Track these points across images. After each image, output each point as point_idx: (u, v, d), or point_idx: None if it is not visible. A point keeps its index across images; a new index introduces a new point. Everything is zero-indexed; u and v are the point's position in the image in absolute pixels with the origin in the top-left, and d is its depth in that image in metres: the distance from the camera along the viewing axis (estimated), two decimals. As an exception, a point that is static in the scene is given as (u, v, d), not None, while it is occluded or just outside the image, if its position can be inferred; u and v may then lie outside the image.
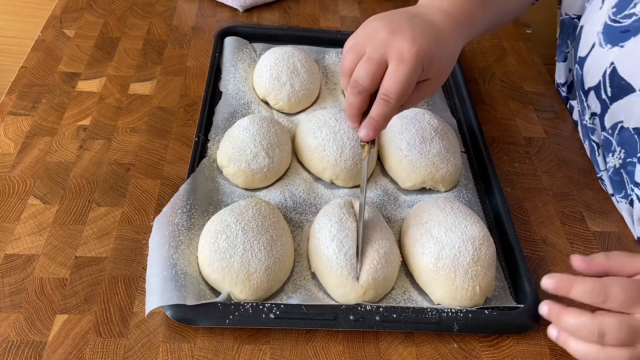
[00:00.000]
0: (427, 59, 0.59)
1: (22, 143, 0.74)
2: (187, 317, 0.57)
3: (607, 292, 0.51)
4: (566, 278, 0.54)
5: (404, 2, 1.10)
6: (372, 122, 0.60)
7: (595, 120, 0.79)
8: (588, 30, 0.79)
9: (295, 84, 0.80)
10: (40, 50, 0.88)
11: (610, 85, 0.73)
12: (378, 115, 0.60)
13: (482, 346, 0.60)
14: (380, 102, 0.59)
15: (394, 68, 0.58)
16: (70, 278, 0.61)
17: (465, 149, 0.80)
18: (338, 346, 0.59)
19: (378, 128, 0.60)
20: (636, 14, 0.70)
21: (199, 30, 0.97)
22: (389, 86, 0.58)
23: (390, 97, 0.58)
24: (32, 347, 0.55)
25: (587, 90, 0.79)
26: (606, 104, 0.75)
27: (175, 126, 0.79)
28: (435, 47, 0.60)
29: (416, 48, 0.58)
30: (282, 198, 0.70)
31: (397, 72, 0.58)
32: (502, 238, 0.69)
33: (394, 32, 0.60)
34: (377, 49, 0.59)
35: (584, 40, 0.80)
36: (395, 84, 0.58)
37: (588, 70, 0.78)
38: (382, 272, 0.60)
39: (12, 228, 0.65)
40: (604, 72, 0.74)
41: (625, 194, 0.73)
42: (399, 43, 0.59)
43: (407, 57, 0.58)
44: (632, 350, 0.51)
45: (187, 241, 0.62)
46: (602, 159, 0.80)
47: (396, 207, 0.72)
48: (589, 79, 0.78)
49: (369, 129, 0.60)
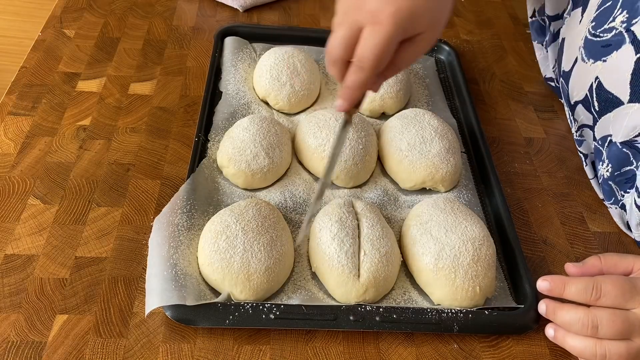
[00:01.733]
0: (408, 16, 0.52)
1: (22, 143, 0.74)
2: (187, 318, 0.57)
3: (600, 289, 0.53)
4: (559, 279, 0.55)
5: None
6: (346, 91, 0.55)
7: (585, 131, 0.78)
8: (570, 44, 0.78)
9: (296, 84, 0.80)
10: (40, 50, 0.88)
11: (597, 100, 0.71)
12: (352, 82, 0.54)
13: (482, 347, 0.60)
14: (353, 69, 0.54)
15: (368, 32, 0.52)
16: (70, 278, 0.61)
17: (466, 149, 0.80)
18: (338, 347, 0.59)
19: (353, 97, 0.56)
20: (616, 28, 0.68)
21: (199, 30, 0.97)
22: (362, 52, 0.52)
23: (364, 63, 0.52)
24: (32, 347, 0.55)
25: (573, 105, 0.77)
26: (596, 117, 0.73)
27: (175, 126, 0.79)
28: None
29: (392, 7, 0.51)
30: (282, 198, 0.70)
31: (371, 36, 0.52)
32: (502, 238, 0.69)
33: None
34: (350, 12, 0.53)
35: (567, 54, 0.79)
36: (368, 49, 0.52)
37: (574, 85, 0.76)
38: (382, 271, 0.60)
39: (12, 228, 0.65)
40: (590, 87, 0.72)
41: (616, 200, 0.73)
42: (371, 4, 0.52)
43: (381, 19, 0.51)
44: (628, 343, 0.52)
45: (187, 241, 0.62)
46: (591, 169, 0.79)
47: (396, 207, 0.72)
48: (575, 93, 0.76)
49: (344, 99, 0.56)
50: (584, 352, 0.54)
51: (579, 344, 0.54)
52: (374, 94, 0.80)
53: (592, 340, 0.53)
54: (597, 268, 0.57)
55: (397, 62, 0.55)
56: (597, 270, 0.57)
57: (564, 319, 0.54)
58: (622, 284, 0.53)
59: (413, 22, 0.52)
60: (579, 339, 0.54)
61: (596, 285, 0.53)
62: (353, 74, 0.54)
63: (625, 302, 0.52)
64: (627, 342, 0.52)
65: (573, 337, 0.54)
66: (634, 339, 0.52)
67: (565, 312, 0.54)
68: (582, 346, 0.53)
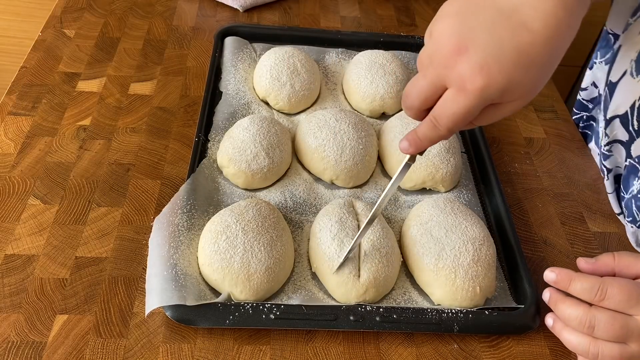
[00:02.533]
0: (497, 92, 0.47)
1: (22, 143, 0.74)
2: (187, 318, 0.57)
3: (605, 291, 0.52)
4: (567, 273, 0.54)
5: (405, 2, 1.10)
6: (416, 140, 0.52)
7: (615, 146, 0.74)
8: (624, 54, 0.73)
9: (296, 84, 0.80)
10: (40, 50, 0.88)
11: (637, 120, 0.67)
12: (423, 135, 0.51)
13: (482, 347, 0.60)
14: (428, 124, 0.50)
15: (450, 95, 0.48)
16: (70, 278, 0.61)
17: (466, 149, 0.80)
18: (338, 347, 0.59)
19: (420, 147, 0.53)
20: None
21: (199, 30, 0.97)
22: (440, 114, 0.49)
23: (440, 125, 0.49)
24: (32, 348, 0.55)
25: (609, 119, 0.74)
26: (633, 135, 0.70)
27: (175, 126, 0.79)
28: (516, 72, 0.46)
29: (482, 82, 0.46)
30: (282, 198, 0.70)
31: (452, 103, 0.48)
32: (502, 238, 0.69)
33: (460, 49, 0.46)
34: (437, 68, 0.48)
35: (618, 63, 0.73)
36: (446, 115, 0.49)
37: (616, 98, 0.73)
38: (383, 271, 0.60)
39: (12, 228, 0.65)
40: (633, 104, 0.67)
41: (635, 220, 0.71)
42: (462, 68, 0.46)
43: (468, 89, 0.46)
44: (623, 347, 0.52)
45: (187, 241, 0.62)
46: (611, 183, 0.77)
47: (396, 207, 0.72)
48: (615, 107, 0.73)
49: (410, 144, 0.53)
50: (577, 348, 0.54)
51: (574, 340, 0.54)
52: (374, 94, 0.81)
53: (587, 338, 0.53)
54: (610, 267, 0.56)
55: (475, 122, 0.51)
56: (609, 269, 0.56)
57: (564, 313, 0.54)
58: (629, 289, 0.52)
59: (503, 95, 0.47)
60: (574, 335, 0.54)
61: (602, 287, 0.52)
62: (426, 128, 0.51)
63: (629, 308, 0.52)
64: (622, 345, 0.52)
65: (570, 331, 0.54)
66: (630, 344, 0.52)
67: (566, 306, 0.54)
68: (576, 342, 0.53)
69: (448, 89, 0.48)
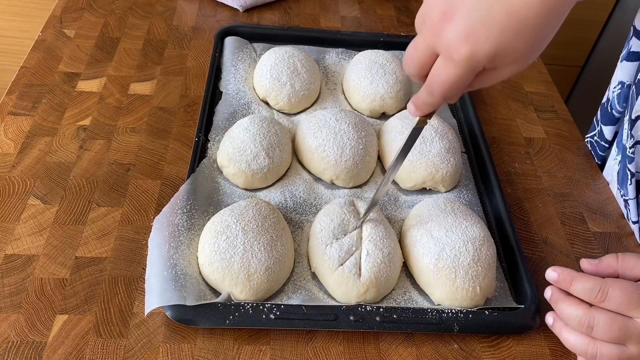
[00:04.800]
0: (485, 59, 0.46)
1: (22, 143, 0.74)
2: (187, 318, 0.57)
3: (606, 292, 0.52)
4: (568, 273, 0.54)
5: (405, 2, 1.10)
6: (418, 105, 0.54)
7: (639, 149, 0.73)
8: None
9: (296, 84, 0.80)
10: (40, 50, 0.88)
11: None
12: (422, 102, 0.53)
13: (483, 347, 0.60)
14: (425, 90, 0.51)
15: (440, 65, 0.48)
16: (70, 278, 0.61)
17: (466, 149, 0.80)
18: (338, 347, 0.59)
19: (424, 112, 0.54)
20: None
21: (199, 30, 0.97)
22: (432, 82, 0.50)
23: (434, 93, 0.50)
24: (32, 348, 0.55)
25: (635, 119, 0.72)
26: None
27: (175, 126, 0.79)
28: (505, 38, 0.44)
29: (468, 50, 0.45)
30: (282, 198, 0.70)
31: (442, 71, 0.48)
32: (503, 238, 0.69)
33: (447, 14, 0.46)
34: (426, 35, 0.48)
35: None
36: (437, 83, 0.49)
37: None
38: (384, 271, 0.60)
39: (12, 228, 0.65)
40: None
41: None
42: (448, 36, 0.46)
43: (455, 59, 0.46)
44: (622, 349, 0.52)
45: (187, 241, 0.62)
46: (634, 188, 0.75)
47: (396, 207, 0.72)
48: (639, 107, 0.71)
49: (415, 107, 0.54)
50: (576, 348, 0.54)
51: (573, 339, 0.54)
52: (374, 94, 0.81)
53: (586, 338, 0.53)
54: (613, 268, 0.56)
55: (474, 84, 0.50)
56: (612, 270, 0.56)
57: (564, 312, 0.54)
58: (630, 291, 0.52)
59: (493, 61, 0.46)
60: (574, 334, 0.54)
61: (603, 289, 0.52)
62: (424, 94, 0.52)
63: (629, 310, 0.52)
64: (620, 347, 0.52)
65: (569, 331, 0.54)
66: (629, 346, 0.52)
67: (566, 306, 0.54)
68: (575, 342, 0.53)
69: (439, 56, 0.48)
